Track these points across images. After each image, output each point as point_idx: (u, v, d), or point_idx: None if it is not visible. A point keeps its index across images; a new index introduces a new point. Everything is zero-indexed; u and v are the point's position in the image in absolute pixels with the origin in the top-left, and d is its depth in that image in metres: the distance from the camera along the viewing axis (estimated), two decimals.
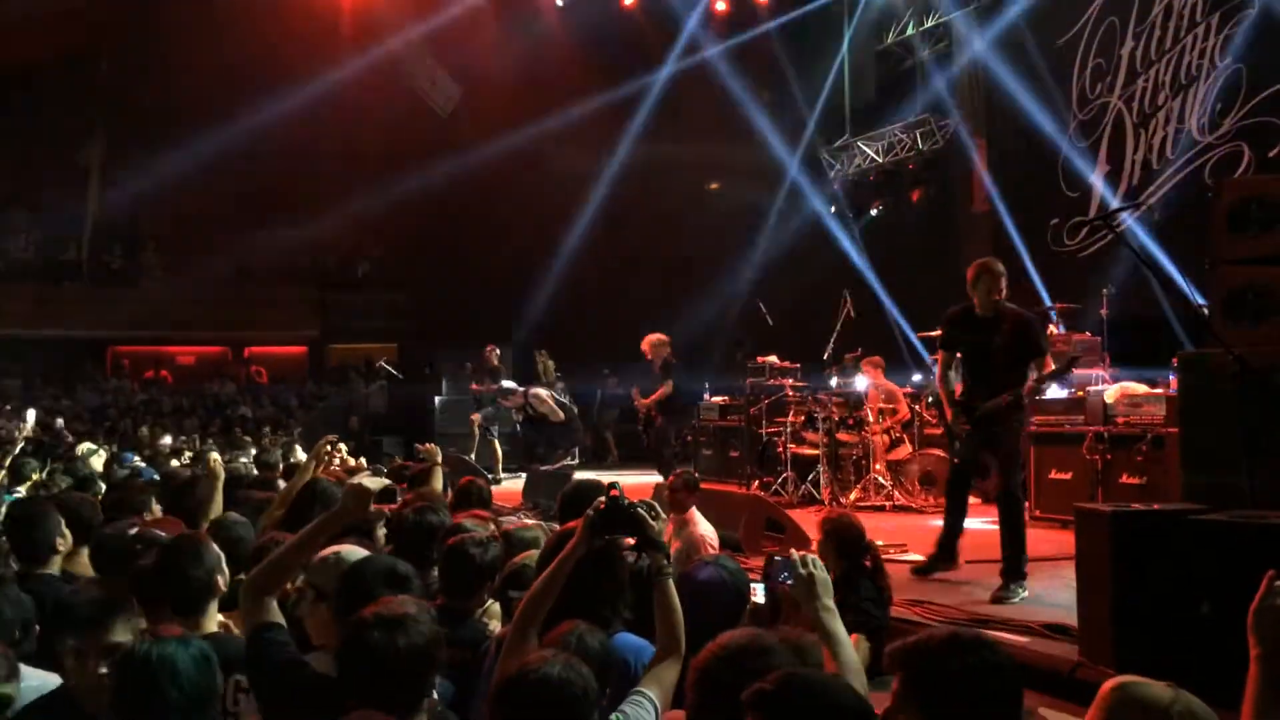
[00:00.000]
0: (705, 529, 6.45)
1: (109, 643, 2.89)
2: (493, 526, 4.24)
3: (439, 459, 6.07)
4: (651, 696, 2.68)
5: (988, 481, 10.13)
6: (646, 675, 2.78)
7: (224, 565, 3.42)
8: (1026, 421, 6.31)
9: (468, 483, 5.86)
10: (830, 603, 2.85)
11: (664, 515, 3.20)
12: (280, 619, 3.01)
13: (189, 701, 2.48)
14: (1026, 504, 8.84)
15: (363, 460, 7.81)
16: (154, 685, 2.45)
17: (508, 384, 13.20)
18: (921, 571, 6.45)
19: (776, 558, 3.06)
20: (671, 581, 2.91)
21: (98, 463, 9.24)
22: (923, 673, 2.14)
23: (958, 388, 6.65)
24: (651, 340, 11.51)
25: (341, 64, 18.85)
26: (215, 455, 6.78)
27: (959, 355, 6.60)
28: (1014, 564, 5.94)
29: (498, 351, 12.60)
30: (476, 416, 13.04)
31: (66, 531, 4.31)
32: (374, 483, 3.20)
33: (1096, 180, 12.14)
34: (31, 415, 11.23)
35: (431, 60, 18.97)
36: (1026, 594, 5.85)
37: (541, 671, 2.33)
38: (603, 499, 2.94)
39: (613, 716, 2.58)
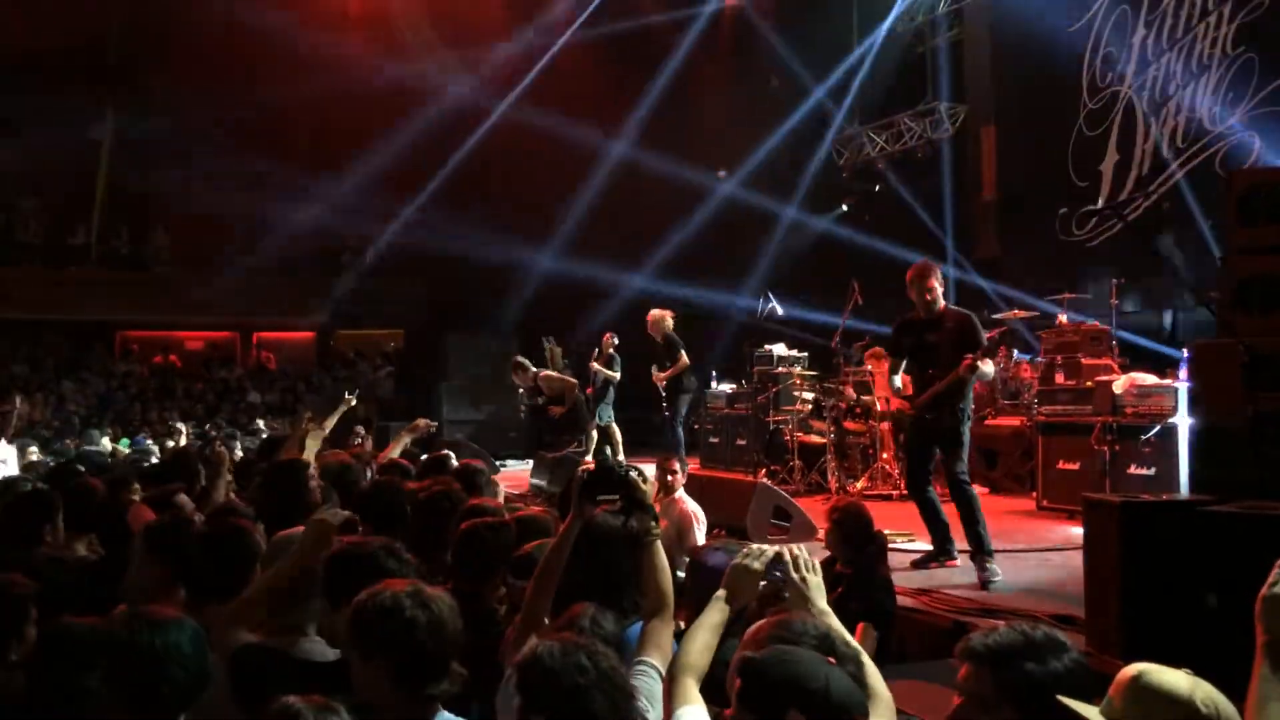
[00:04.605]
0: (692, 505, 6.69)
1: None
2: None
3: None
4: (654, 664, 2.66)
5: (994, 471, 10.19)
6: (643, 642, 2.73)
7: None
8: (969, 412, 6.50)
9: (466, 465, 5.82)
10: (824, 604, 2.67)
11: (651, 480, 3.20)
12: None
13: (191, 680, 2.46)
14: (1034, 494, 8.93)
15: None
16: (157, 666, 2.41)
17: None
18: (920, 564, 6.58)
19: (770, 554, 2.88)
20: (659, 543, 2.89)
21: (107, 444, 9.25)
22: (1019, 672, 2.20)
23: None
24: (653, 317, 11.53)
25: (353, 45, 18.81)
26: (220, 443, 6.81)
27: (906, 358, 6.76)
28: (978, 544, 6.12)
29: (615, 340, 12.36)
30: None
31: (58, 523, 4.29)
32: (335, 516, 3.15)
33: (1106, 169, 12.09)
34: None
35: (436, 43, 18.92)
36: (998, 570, 6.03)
37: (577, 650, 2.24)
38: (590, 461, 2.96)
39: None
